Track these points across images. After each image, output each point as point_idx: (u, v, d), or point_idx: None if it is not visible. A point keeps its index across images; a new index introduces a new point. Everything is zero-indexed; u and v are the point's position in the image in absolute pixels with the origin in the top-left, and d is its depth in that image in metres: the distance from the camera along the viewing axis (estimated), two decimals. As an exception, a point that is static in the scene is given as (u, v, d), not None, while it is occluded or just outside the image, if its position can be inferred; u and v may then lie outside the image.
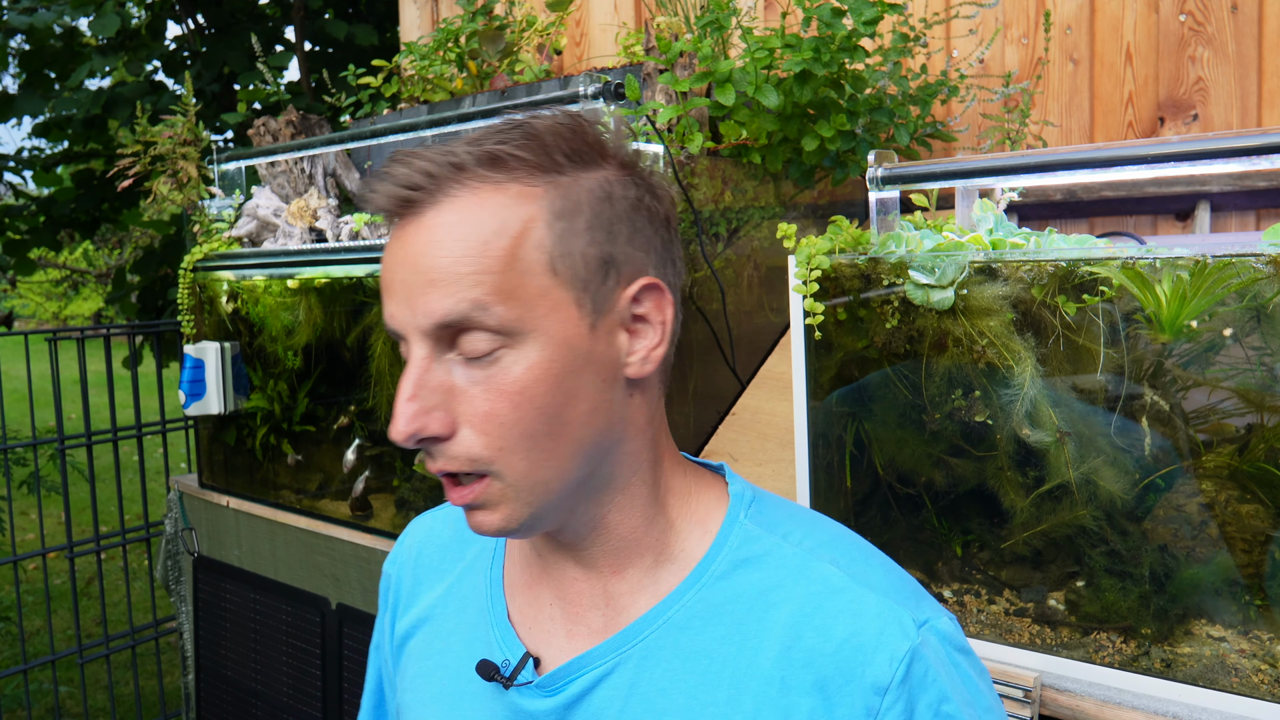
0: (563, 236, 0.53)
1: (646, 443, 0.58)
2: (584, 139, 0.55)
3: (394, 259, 0.53)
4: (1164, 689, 0.80)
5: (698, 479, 0.62)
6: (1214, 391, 0.78)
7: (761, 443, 1.22)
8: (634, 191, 0.56)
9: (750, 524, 0.59)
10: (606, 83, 1.12)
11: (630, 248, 0.55)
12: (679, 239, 0.59)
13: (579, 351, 0.53)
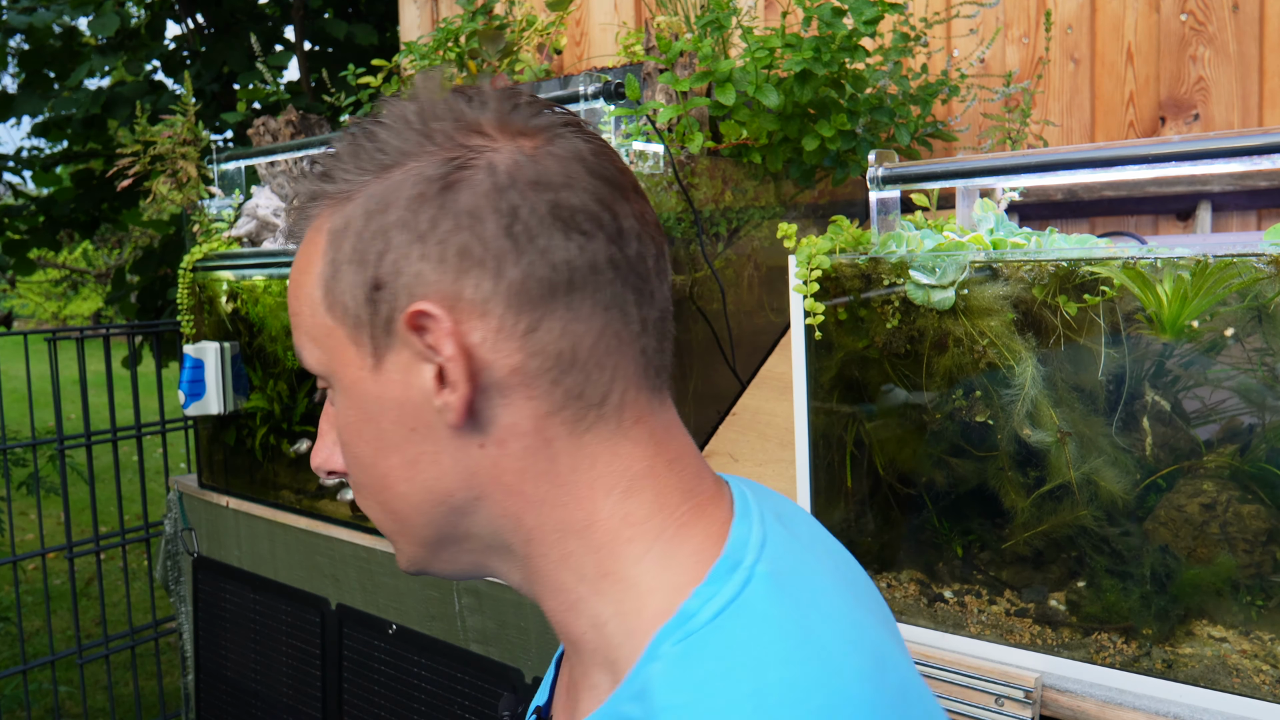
0: (332, 264, 0.44)
1: (529, 505, 0.44)
2: (378, 138, 0.44)
3: None
4: (1165, 689, 0.80)
5: (667, 562, 0.43)
6: (1215, 391, 0.78)
7: (762, 443, 1.22)
8: (434, 180, 0.42)
9: (674, 643, 0.40)
10: (607, 82, 1.12)
11: (409, 262, 0.42)
12: (547, 225, 0.42)
13: (368, 397, 0.44)
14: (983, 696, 0.84)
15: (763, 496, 0.49)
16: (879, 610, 0.48)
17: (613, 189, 0.44)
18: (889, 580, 0.95)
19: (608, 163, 0.45)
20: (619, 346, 0.44)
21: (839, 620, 0.41)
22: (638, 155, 1.14)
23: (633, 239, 0.44)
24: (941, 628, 0.90)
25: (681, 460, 0.46)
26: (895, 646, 0.44)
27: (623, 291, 0.43)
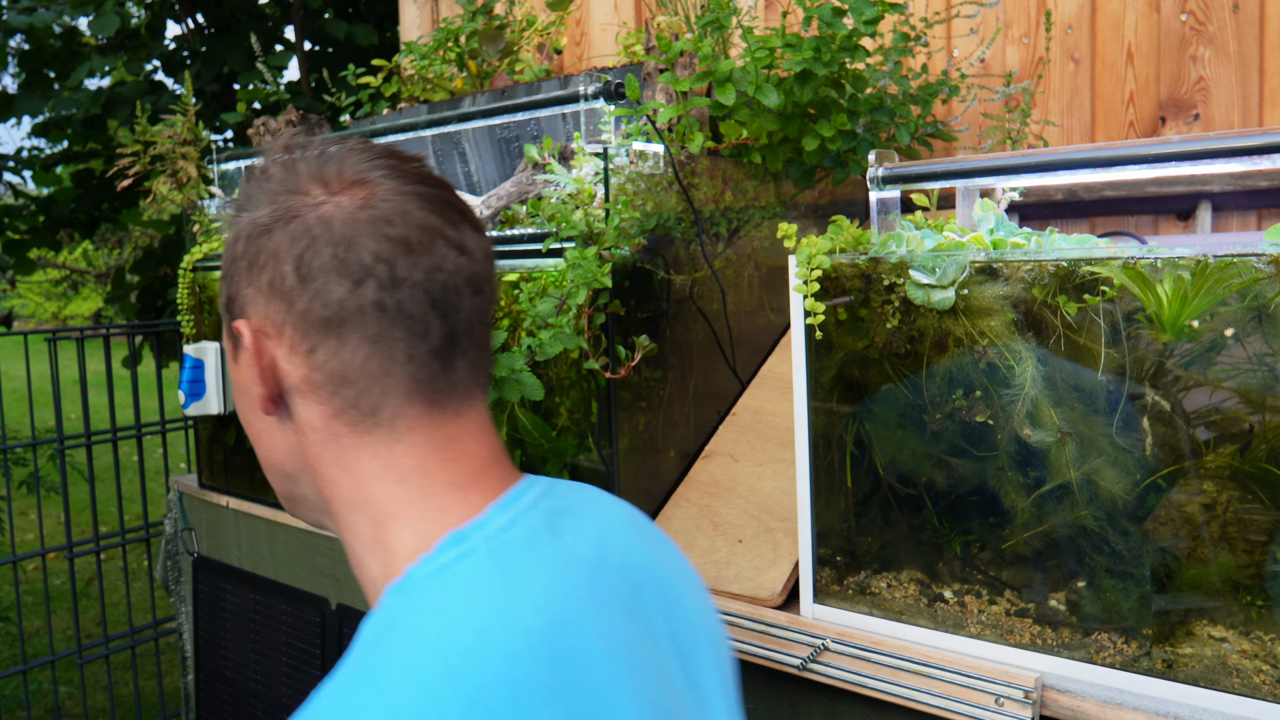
0: (227, 267, 0.58)
1: (327, 482, 0.55)
2: (248, 186, 0.58)
3: None
4: (1165, 690, 0.80)
5: (420, 536, 0.53)
6: (1215, 391, 0.78)
7: (762, 443, 1.22)
8: (259, 226, 0.55)
9: (351, 650, 0.49)
10: (607, 82, 1.12)
11: (242, 287, 0.56)
12: (326, 272, 0.52)
13: (234, 376, 0.59)
14: (983, 696, 0.84)
15: (553, 496, 0.58)
16: (636, 616, 0.55)
17: (406, 243, 0.53)
18: (889, 580, 0.95)
19: (423, 212, 0.54)
20: (388, 372, 0.53)
21: (532, 604, 0.49)
22: (638, 155, 1.14)
23: (406, 287, 0.53)
24: (941, 628, 0.90)
25: (459, 461, 0.55)
26: (614, 648, 0.51)
27: (390, 330, 0.53)
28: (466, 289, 0.54)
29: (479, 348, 0.56)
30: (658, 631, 0.56)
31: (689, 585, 0.63)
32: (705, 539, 1.11)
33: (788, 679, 0.98)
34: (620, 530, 0.60)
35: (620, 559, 0.57)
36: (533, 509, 0.55)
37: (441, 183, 0.57)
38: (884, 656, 0.90)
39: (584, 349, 1.05)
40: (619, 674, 0.50)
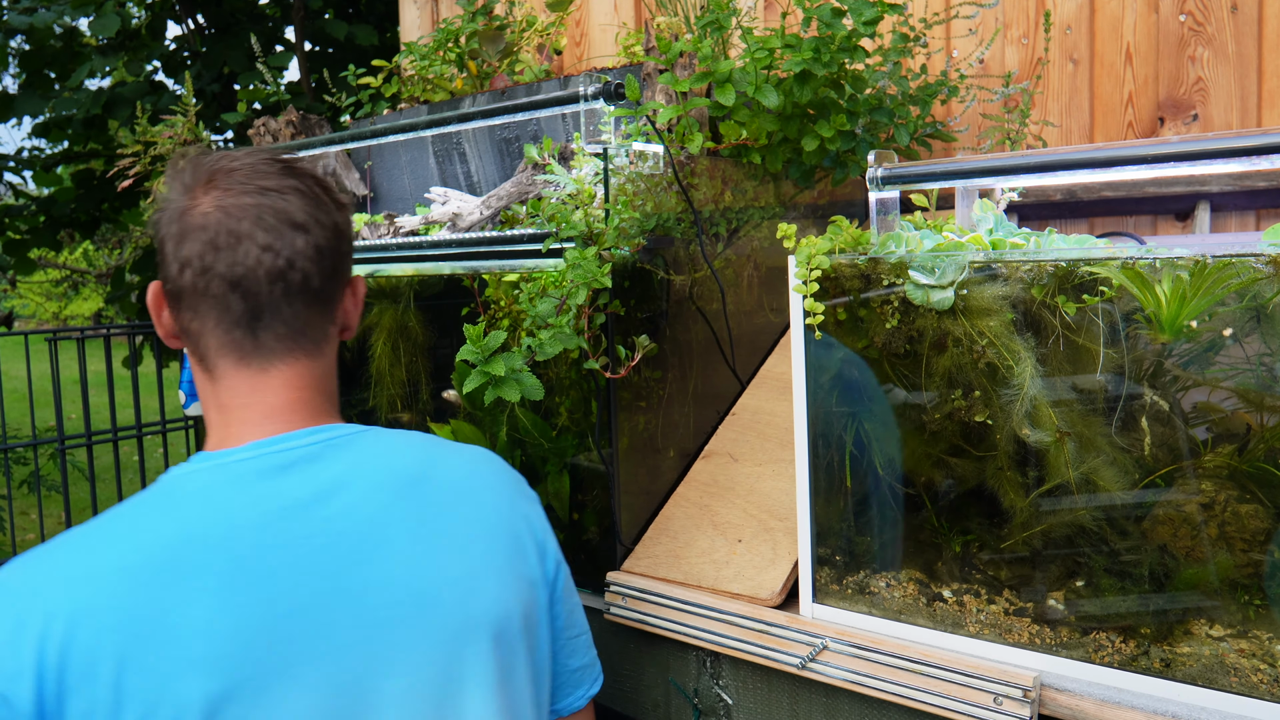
0: None
1: (205, 401, 0.75)
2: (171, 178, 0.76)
3: None
4: (1163, 689, 0.80)
5: (203, 453, 0.75)
6: (1214, 391, 0.78)
7: (761, 442, 1.22)
8: (163, 214, 0.73)
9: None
10: (606, 83, 1.12)
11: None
12: (170, 258, 0.72)
13: None
14: (981, 695, 0.85)
15: (330, 446, 0.73)
16: (298, 557, 0.68)
17: (214, 244, 0.70)
18: (888, 579, 0.95)
19: (233, 221, 0.71)
20: (206, 333, 0.72)
21: (165, 528, 0.66)
22: (637, 155, 1.14)
23: (212, 274, 0.70)
24: (940, 627, 0.90)
25: (256, 405, 0.73)
26: (221, 580, 0.65)
27: (203, 304, 0.71)
28: (265, 279, 0.70)
29: (286, 323, 0.72)
30: (323, 580, 0.67)
31: (417, 556, 0.71)
32: (705, 538, 1.11)
33: (787, 678, 0.98)
34: (360, 487, 0.71)
35: (331, 509, 0.69)
36: (285, 451, 0.71)
37: (283, 190, 0.73)
38: (883, 656, 0.90)
39: (584, 349, 1.05)
40: (210, 605, 0.63)
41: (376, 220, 1.50)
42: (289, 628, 0.64)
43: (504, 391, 1.04)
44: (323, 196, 0.75)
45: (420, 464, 0.74)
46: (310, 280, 0.72)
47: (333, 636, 0.65)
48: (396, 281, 1.37)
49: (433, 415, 1.34)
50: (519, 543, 0.75)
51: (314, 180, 0.76)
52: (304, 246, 0.71)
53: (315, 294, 0.72)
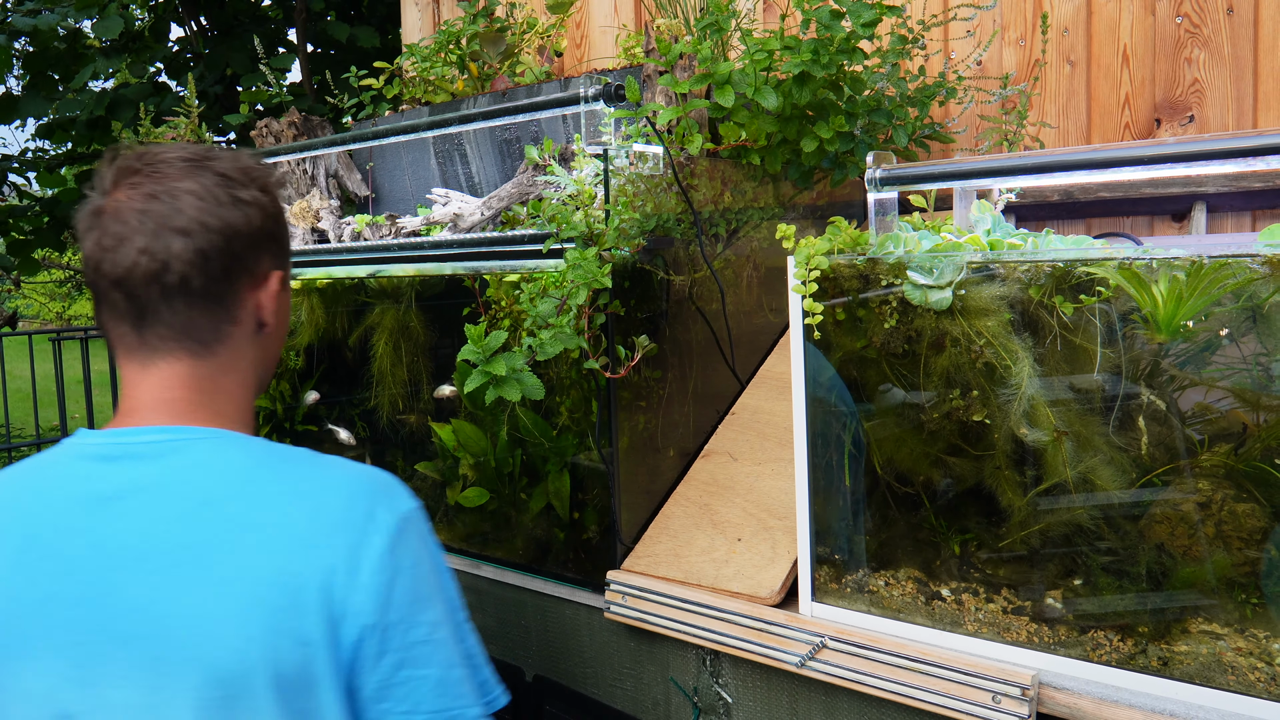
0: None
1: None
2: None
3: None
4: (1161, 687, 0.80)
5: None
6: (1210, 391, 0.79)
7: (761, 442, 1.22)
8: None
9: None
10: (607, 84, 1.13)
11: None
12: (82, 241, 0.76)
13: None
14: (980, 694, 0.85)
15: (130, 448, 0.74)
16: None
17: (101, 245, 0.73)
18: (887, 578, 0.95)
19: (120, 225, 0.73)
20: (109, 330, 0.76)
21: (17, 486, 0.75)
22: (637, 156, 1.14)
23: (101, 273, 0.74)
24: (939, 625, 0.91)
25: (129, 398, 0.77)
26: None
27: (98, 299, 0.76)
28: (142, 280, 0.73)
29: (166, 323, 0.74)
30: (80, 575, 0.70)
31: (166, 582, 0.70)
32: (705, 537, 1.12)
33: (787, 676, 0.99)
34: (154, 496, 0.72)
35: (116, 510, 0.71)
36: (120, 445, 0.74)
37: (176, 193, 0.74)
38: (882, 654, 0.91)
39: (584, 349, 1.06)
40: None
41: (378, 221, 1.51)
42: (41, 611, 0.69)
43: (505, 391, 1.04)
44: (224, 197, 0.75)
45: (227, 488, 0.72)
46: (190, 282, 0.73)
47: (70, 633, 0.68)
48: (398, 282, 1.37)
49: (433, 414, 1.35)
50: (296, 597, 0.68)
51: (222, 179, 0.76)
52: (182, 250, 0.73)
53: (197, 295, 0.74)
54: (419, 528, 0.75)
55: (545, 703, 1.21)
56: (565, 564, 1.20)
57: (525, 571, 1.24)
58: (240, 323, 0.77)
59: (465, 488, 1.30)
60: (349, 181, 1.77)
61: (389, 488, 0.75)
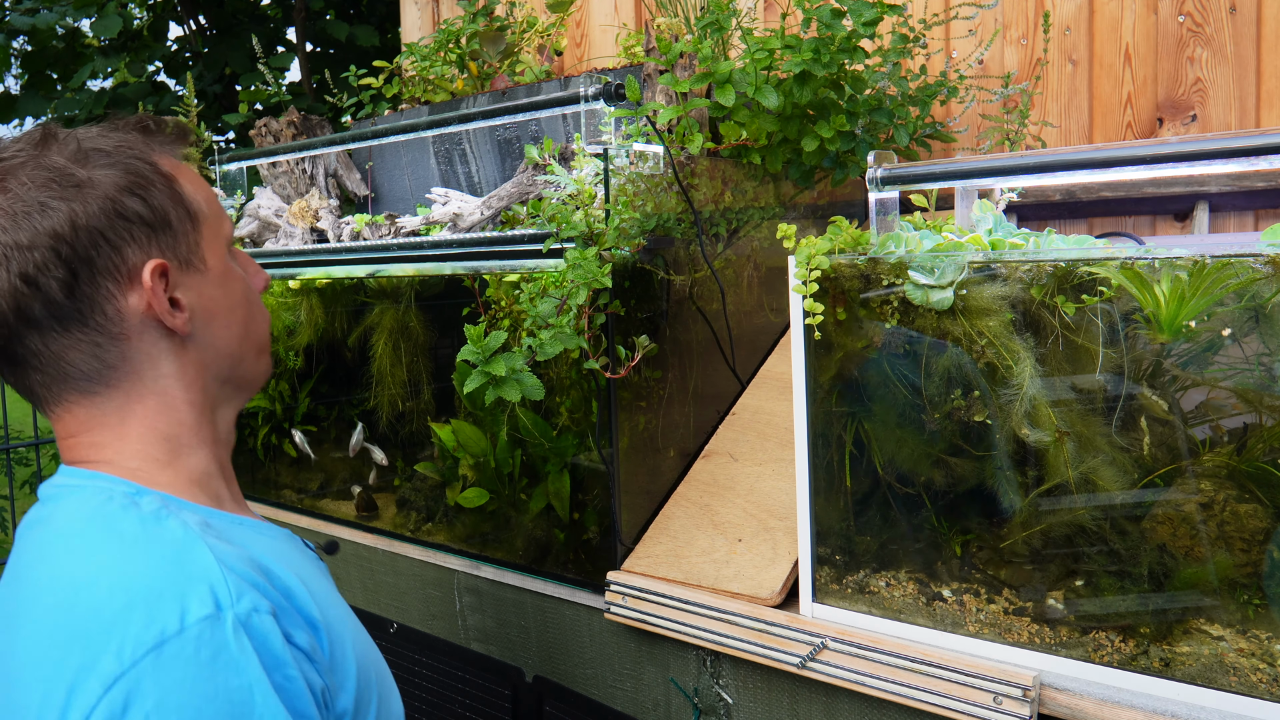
0: None
1: None
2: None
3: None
4: (1163, 688, 0.80)
5: None
6: (1213, 391, 0.78)
7: (761, 442, 1.22)
8: None
9: None
10: (607, 83, 1.13)
11: None
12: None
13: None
14: (981, 695, 0.85)
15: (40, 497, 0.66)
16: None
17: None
18: (888, 579, 0.95)
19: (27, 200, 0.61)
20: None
21: None
22: (638, 156, 1.14)
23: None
24: (940, 626, 0.91)
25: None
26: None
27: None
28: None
29: (37, 369, 0.62)
30: None
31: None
32: (705, 538, 1.11)
33: (787, 677, 0.99)
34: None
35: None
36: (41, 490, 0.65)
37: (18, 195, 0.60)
38: (883, 655, 0.90)
39: (584, 349, 1.05)
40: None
41: (378, 220, 1.50)
42: None
43: (504, 391, 1.04)
44: (40, 198, 0.59)
45: (41, 554, 0.59)
46: (30, 314, 0.59)
47: None
48: (397, 282, 1.37)
49: (433, 414, 1.35)
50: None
51: (48, 175, 0.60)
52: (4, 283, 0.59)
53: (49, 327, 0.59)
54: (179, 675, 0.50)
55: (545, 703, 1.21)
56: (565, 564, 1.20)
57: (525, 572, 1.24)
58: (128, 338, 0.62)
59: (465, 488, 1.30)
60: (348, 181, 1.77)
61: (152, 603, 0.52)
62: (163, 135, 0.66)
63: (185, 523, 0.59)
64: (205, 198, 0.68)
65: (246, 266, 0.74)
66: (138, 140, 0.64)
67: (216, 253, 0.68)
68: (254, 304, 0.73)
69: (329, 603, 0.66)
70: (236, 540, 0.62)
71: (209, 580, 0.55)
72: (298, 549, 0.73)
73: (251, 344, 0.72)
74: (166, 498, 0.62)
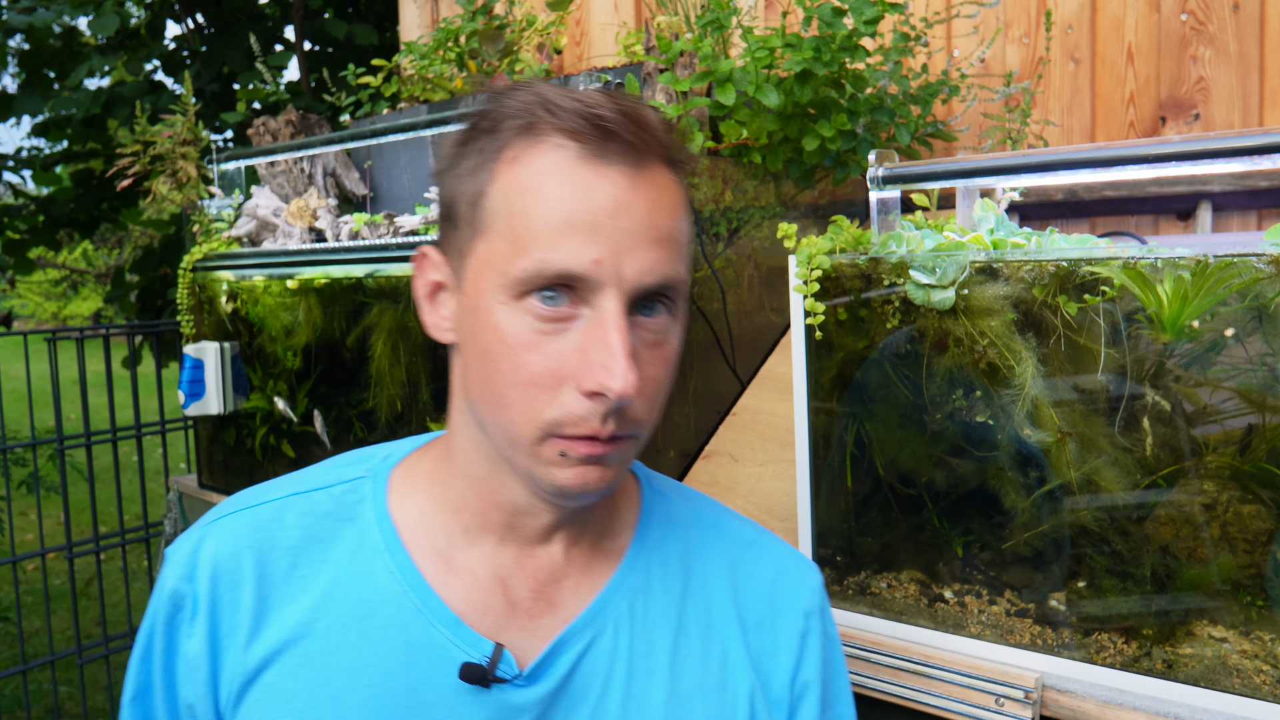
0: (691, 236, 0.58)
1: None
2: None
3: (606, 201, 0.51)
4: (1165, 690, 0.80)
5: None
6: (1215, 391, 0.78)
7: (762, 443, 1.22)
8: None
9: (662, 491, 0.68)
10: (607, 82, 1.12)
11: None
12: None
13: (683, 339, 0.59)
14: (983, 696, 0.84)
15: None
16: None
17: None
18: (889, 580, 0.95)
19: None
20: None
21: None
22: (638, 155, 1.14)
23: None
24: (942, 628, 0.90)
25: None
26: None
27: None
28: None
29: None
30: None
31: None
32: (705, 539, 1.11)
33: (788, 679, 0.98)
34: None
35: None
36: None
37: None
38: (884, 656, 0.90)
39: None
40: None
41: (376, 220, 1.50)
42: None
43: (504, 392, 1.03)
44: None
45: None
46: None
47: None
48: (396, 281, 1.36)
49: (432, 414, 1.34)
50: None
51: None
52: None
53: None
54: None
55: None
56: (565, 565, 1.20)
57: (524, 573, 1.23)
58: None
59: (464, 488, 1.30)
60: (347, 180, 1.76)
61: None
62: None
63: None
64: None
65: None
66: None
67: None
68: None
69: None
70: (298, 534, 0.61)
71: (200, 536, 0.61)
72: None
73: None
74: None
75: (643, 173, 0.52)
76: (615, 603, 0.61)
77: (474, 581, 0.59)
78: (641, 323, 0.53)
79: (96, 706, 2.89)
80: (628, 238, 0.51)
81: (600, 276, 0.51)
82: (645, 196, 0.52)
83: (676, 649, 0.61)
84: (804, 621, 0.65)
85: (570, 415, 0.53)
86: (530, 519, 0.59)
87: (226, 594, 0.58)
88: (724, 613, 0.63)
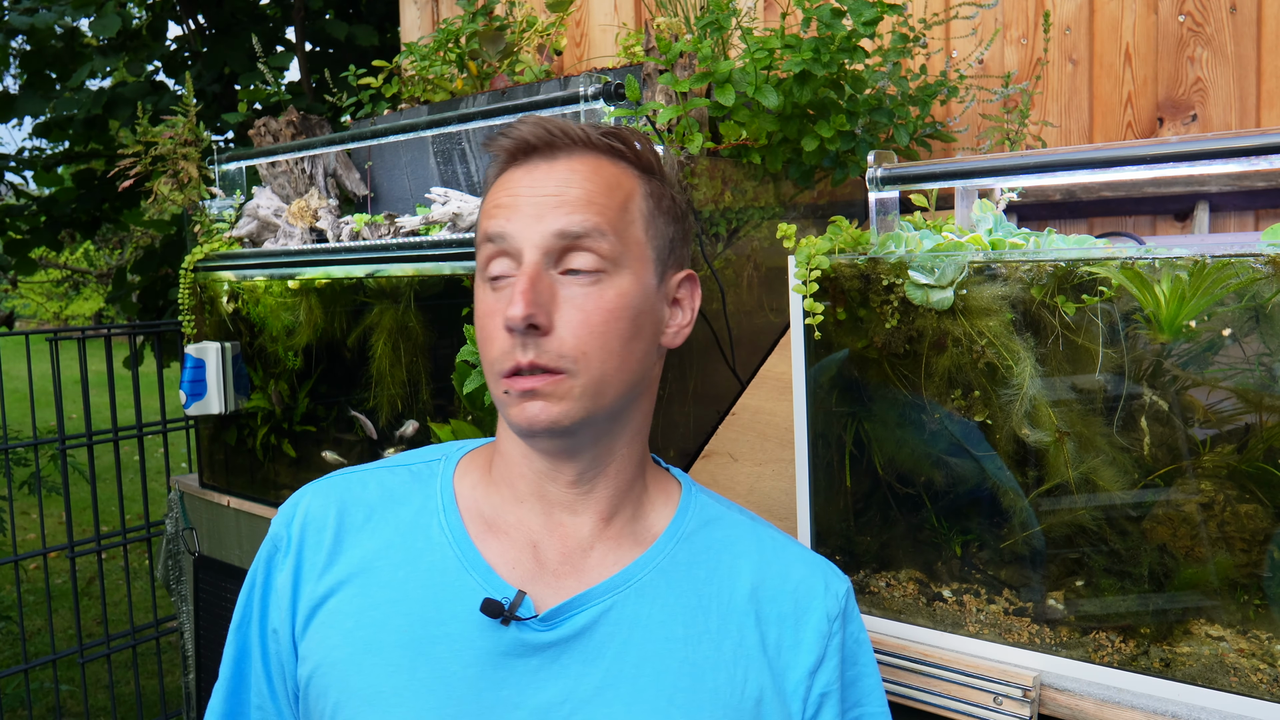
0: (652, 212, 0.68)
1: (649, 410, 0.72)
2: (655, 154, 0.70)
3: (523, 186, 0.65)
4: (1163, 688, 0.80)
5: (654, 464, 0.77)
6: (1213, 391, 0.78)
7: (761, 442, 1.22)
8: (682, 201, 0.72)
9: (701, 497, 0.75)
10: (606, 83, 1.13)
11: (680, 243, 0.71)
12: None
13: (649, 299, 0.67)
14: (981, 695, 0.85)
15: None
16: None
17: None
18: (888, 579, 0.95)
19: None
20: None
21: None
22: (638, 156, 1.14)
23: None
24: (940, 627, 0.91)
25: None
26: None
27: None
28: None
29: None
30: None
31: None
32: (705, 538, 1.11)
33: (787, 678, 0.98)
34: None
35: None
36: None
37: None
38: (883, 655, 0.90)
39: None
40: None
41: (377, 220, 1.50)
42: None
43: (504, 391, 1.04)
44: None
45: None
46: None
47: None
48: (396, 282, 1.37)
49: (433, 415, 1.35)
50: None
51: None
52: None
53: None
54: None
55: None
56: (565, 565, 1.20)
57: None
58: None
59: (464, 488, 1.30)
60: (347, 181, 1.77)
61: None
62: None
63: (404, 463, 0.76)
64: None
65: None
66: None
67: None
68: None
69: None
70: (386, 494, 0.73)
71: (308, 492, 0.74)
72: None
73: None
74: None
75: (558, 162, 0.65)
76: (640, 576, 0.68)
77: (510, 542, 0.69)
78: (573, 271, 0.64)
79: (98, 705, 2.90)
80: (537, 205, 0.63)
81: (517, 234, 0.63)
82: (557, 176, 0.64)
83: (692, 624, 0.68)
84: (828, 625, 0.70)
85: (500, 352, 0.64)
86: (550, 484, 0.69)
87: (312, 537, 0.70)
88: (743, 603, 0.69)
